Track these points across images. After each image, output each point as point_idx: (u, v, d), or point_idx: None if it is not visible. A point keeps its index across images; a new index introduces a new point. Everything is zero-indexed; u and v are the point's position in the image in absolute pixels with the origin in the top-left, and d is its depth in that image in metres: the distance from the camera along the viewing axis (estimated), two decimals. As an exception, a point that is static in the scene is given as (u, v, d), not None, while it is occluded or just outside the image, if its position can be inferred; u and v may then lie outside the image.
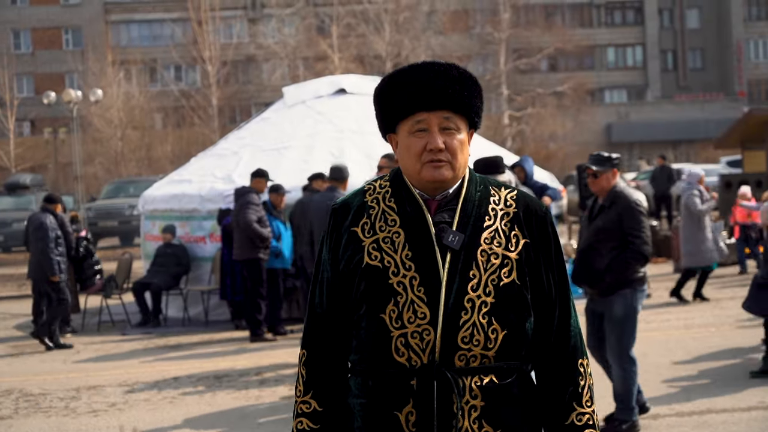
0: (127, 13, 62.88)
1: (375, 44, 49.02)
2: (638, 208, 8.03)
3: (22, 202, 32.23)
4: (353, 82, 18.14)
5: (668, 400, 9.03)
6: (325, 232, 3.26)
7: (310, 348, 3.25)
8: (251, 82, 57.88)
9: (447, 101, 3.12)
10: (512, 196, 3.23)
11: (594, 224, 8.13)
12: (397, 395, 3.07)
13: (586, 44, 61.77)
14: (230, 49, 52.78)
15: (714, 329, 12.90)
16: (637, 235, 7.93)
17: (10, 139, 47.83)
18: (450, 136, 3.13)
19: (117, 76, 50.70)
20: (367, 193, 3.24)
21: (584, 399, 3.20)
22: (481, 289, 3.07)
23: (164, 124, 56.01)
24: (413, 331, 3.05)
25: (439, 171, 3.11)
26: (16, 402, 10.55)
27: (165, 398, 10.30)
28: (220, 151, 17.49)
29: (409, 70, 3.18)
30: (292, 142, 16.38)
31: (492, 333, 3.07)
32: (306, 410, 3.23)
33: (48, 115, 50.51)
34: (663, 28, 67.05)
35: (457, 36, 56.43)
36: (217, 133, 44.93)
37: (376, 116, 3.26)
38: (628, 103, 64.96)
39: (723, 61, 66.48)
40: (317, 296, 3.26)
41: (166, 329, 15.12)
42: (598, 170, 8.17)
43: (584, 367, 3.23)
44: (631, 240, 7.94)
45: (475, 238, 3.11)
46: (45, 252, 13.89)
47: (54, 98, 39.04)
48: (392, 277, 3.09)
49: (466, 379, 3.05)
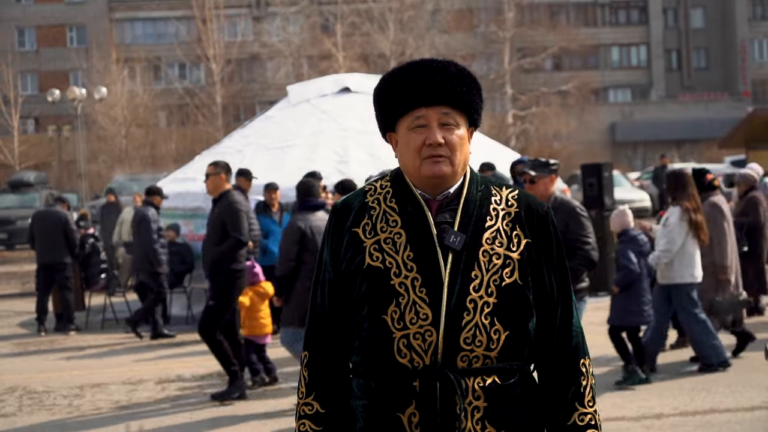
0: (132, 11, 62.91)
1: (379, 43, 49.01)
2: (583, 213, 7.89)
3: (26, 199, 32.27)
4: (357, 80, 18.13)
5: (672, 400, 9.03)
6: (326, 232, 3.25)
7: (312, 349, 3.24)
8: (255, 81, 57.86)
9: (446, 96, 3.11)
10: (514, 195, 3.22)
11: None
12: (399, 396, 3.06)
13: (591, 43, 61.70)
14: (234, 48, 52.79)
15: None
16: (586, 241, 7.75)
17: (14, 136, 47.89)
18: (449, 132, 3.12)
19: (121, 74, 50.73)
20: (368, 194, 3.23)
21: (586, 399, 3.19)
22: (483, 290, 3.07)
23: (168, 122, 56.04)
24: (415, 332, 3.04)
25: (438, 166, 3.10)
26: (20, 400, 10.57)
27: (169, 396, 10.32)
28: (224, 149, 17.49)
29: (407, 67, 3.18)
30: (296, 140, 16.38)
31: (494, 333, 3.07)
32: (308, 412, 3.22)
33: (52, 112, 50.50)
34: (667, 28, 66.99)
35: (461, 35, 56.41)
36: (221, 132, 44.94)
37: (375, 115, 3.25)
38: (632, 103, 64.95)
39: (727, 61, 66.42)
40: (319, 297, 3.24)
41: (169, 327, 15.13)
42: (536, 175, 7.97)
43: (586, 367, 3.22)
44: (579, 246, 7.76)
45: (477, 239, 3.10)
46: (149, 244, 14.17)
47: (58, 96, 39.08)
48: (394, 278, 3.08)
49: (469, 380, 3.04)
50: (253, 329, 10.50)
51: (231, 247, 9.84)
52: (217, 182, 10.03)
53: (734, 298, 10.55)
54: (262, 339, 10.60)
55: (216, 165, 10.12)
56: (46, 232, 15.41)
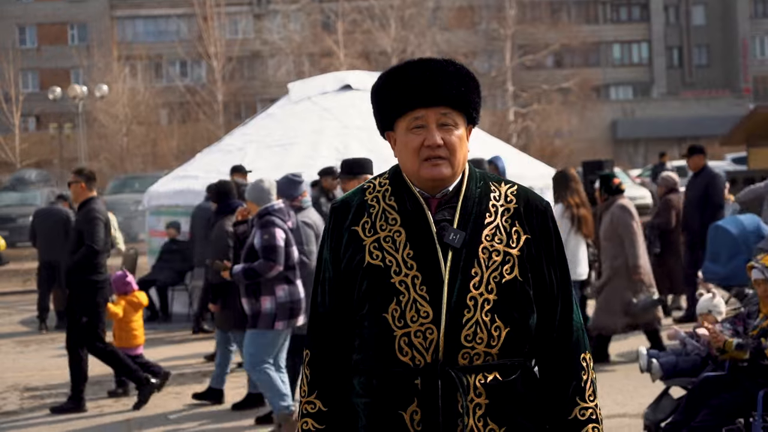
0: (133, 9, 62.91)
1: (380, 40, 48.99)
2: None
3: (28, 197, 32.26)
4: (359, 78, 18.12)
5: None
6: (326, 231, 3.25)
7: (314, 348, 3.25)
8: (256, 78, 57.86)
9: (444, 97, 3.11)
10: (512, 191, 3.22)
11: None
12: (401, 394, 3.06)
13: (592, 41, 61.69)
14: (236, 45, 52.78)
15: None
16: None
17: (15, 134, 47.86)
18: (448, 132, 3.12)
19: (122, 71, 50.72)
20: (367, 192, 3.23)
21: (587, 393, 3.20)
22: (483, 287, 3.07)
23: (169, 119, 56.04)
24: (416, 330, 3.05)
25: (438, 169, 3.10)
26: (21, 397, 10.58)
27: (170, 393, 10.31)
28: (225, 146, 17.49)
29: (405, 67, 3.17)
30: (298, 138, 16.38)
31: (495, 330, 3.07)
32: (311, 410, 3.23)
33: (53, 110, 50.49)
34: (668, 25, 66.98)
35: (462, 32, 56.39)
36: (222, 129, 44.92)
37: (373, 114, 3.24)
38: (634, 100, 64.94)
39: (728, 58, 66.41)
40: (319, 296, 3.25)
41: (171, 325, 15.14)
42: (343, 177, 7.88)
43: (587, 361, 3.23)
44: None
45: (476, 236, 3.10)
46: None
47: (59, 94, 39.08)
48: (394, 276, 3.08)
49: (470, 377, 3.05)
50: (125, 341, 10.25)
51: (84, 256, 9.62)
52: (77, 191, 9.87)
53: (648, 298, 10.58)
54: (134, 350, 10.28)
55: (78, 173, 9.95)
56: (47, 230, 15.41)
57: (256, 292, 8.07)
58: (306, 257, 8.60)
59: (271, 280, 8.02)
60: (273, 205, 8.18)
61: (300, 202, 8.91)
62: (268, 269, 7.94)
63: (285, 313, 8.09)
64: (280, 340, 8.27)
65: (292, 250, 8.17)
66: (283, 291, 8.08)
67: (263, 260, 7.95)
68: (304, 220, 8.79)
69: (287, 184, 8.92)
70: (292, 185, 8.93)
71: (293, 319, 8.19)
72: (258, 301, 8.06)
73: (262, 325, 8.06)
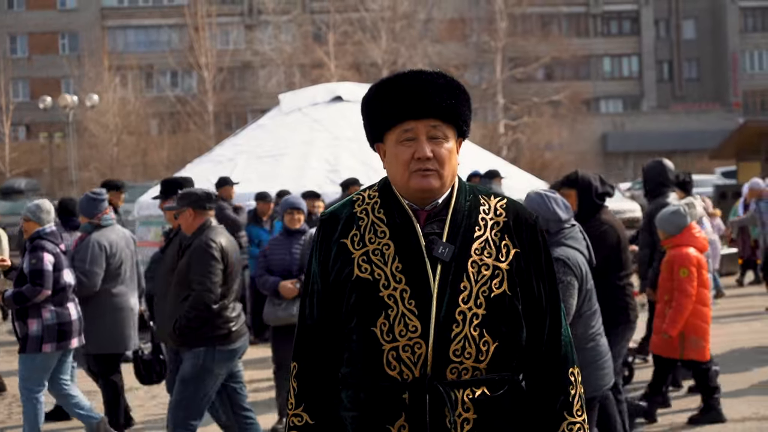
0: (124, 19, 62.88)
1: (371, 52, 49.08)
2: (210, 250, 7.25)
3: (17, 206, 32.16)
4: (349, 89, 18.15)
5: (661, 410, 9.02)
6: (314, 243, 3.23)
7: (301, 361, 3.23)
8: (247, 89, 57.90)
9: (434, 110, 3.09)
10: (502, 204, 3.21)
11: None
12: (389, 409, 3.05)
13: (582, 54, 61.88)
14: (227, 56, 52.84)
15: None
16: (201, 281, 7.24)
17: (5, 143, 47.82)
18: (438, 145, 3.11)
19: (113, 81, 50.73)
20: (356, 204, 3.21)
21: (575, 408, 3.19)
22: (472, 301, 3.06)
23: (160, 129, 56.03)
24: (405, 345, 3.03)
25: (427, 180, 3.09)
26: (9, 407, 10.53)
27: (160, 403, 10.28)
28: (216, 157, 17.49)
29: (395, 79, 3.16)
30: (288, 149, 16.38)
31: (483, 345, 3.06)
32: (298, 423, 3.21)
33: (43, 119, 50.49)
34: (659, 39, 67.20)
35: (453, 44, 56.49)
36: (212, 140, 44.95)
37: (363, 125, 3.23)
38: (624, 113, 65.11)
39: (719, 72, 66.63)
40: (307, 308, 3.23)
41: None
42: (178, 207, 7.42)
43: (575, 376, 3.22)
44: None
45: (466, 249, 3.09)
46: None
47: (50, 103, 39.05)
48: (383, 290, 3.06)
49: (458, 392, 3.04)
50: None
51: None
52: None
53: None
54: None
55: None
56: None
57: (23, 315, 8.06)
58: (85, 277, 8.61)
59: (38, 302, 8.02)
60: (44, 229, 8.17)
61: (100, 219, 8.89)
62: (35, 294, 7.96)
63: (52, 335, 8.04)
64: (51, 363, 8.18)
65: (62, 274, 8.13)
66: (50, 313, 8.04)
67: (30, 285, 7.97)
68: (99, 240, 8.77)
69: (87, 202, 8.93)
70: (92, 203, 8.89)
71: (64, 341, 8.12)
72: (25, 324, 8.04)
73: (30, 348, 8.04)
